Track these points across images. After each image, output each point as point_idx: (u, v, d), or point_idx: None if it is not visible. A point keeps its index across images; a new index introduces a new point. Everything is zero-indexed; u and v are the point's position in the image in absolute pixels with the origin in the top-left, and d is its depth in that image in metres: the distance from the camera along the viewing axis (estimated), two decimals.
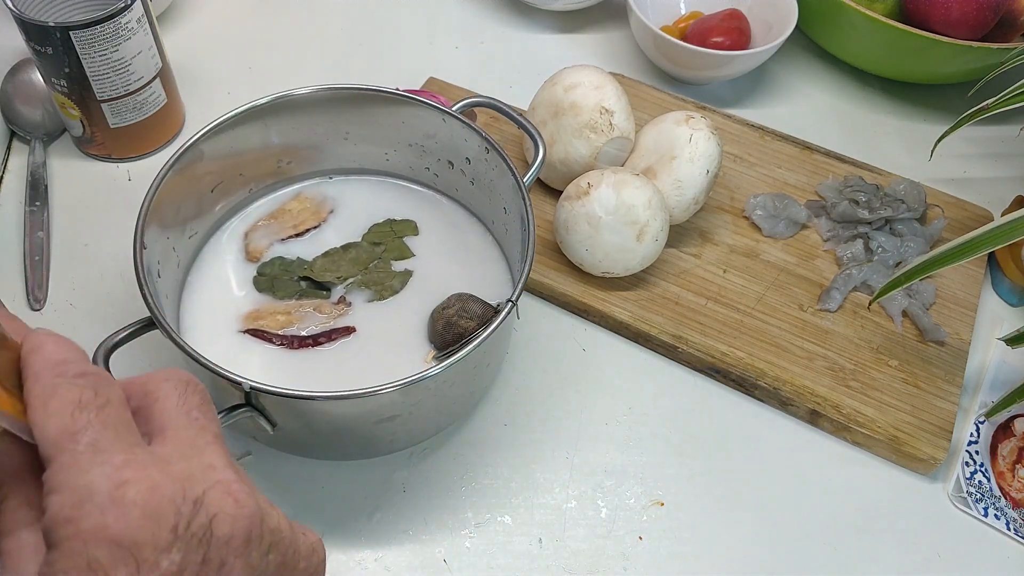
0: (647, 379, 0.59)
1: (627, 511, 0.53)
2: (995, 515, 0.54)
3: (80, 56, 0.59)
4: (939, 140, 0.65)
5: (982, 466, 0.57)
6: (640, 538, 0.52)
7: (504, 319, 0.48)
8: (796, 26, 0.74)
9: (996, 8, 0.72)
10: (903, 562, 0.52)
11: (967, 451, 0.57)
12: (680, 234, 0.64)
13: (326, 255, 0.58)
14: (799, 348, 0.59)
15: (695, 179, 0.60)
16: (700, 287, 0.62)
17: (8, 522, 0.27)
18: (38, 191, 0.64)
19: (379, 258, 0.58)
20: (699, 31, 0.76)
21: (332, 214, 0.60)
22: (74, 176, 0.67)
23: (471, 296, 0.53)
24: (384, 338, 0.54)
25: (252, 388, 0.43)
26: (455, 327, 0.51)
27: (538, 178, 0.64)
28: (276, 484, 0.52)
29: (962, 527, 0.54)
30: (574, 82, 0.62)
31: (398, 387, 0.44)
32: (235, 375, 0.43)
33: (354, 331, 0.54)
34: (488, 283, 0.57)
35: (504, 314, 0.48)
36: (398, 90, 0.57)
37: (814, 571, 0.52)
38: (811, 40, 0.82)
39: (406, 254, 0.59)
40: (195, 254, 0.57)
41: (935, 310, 0.62)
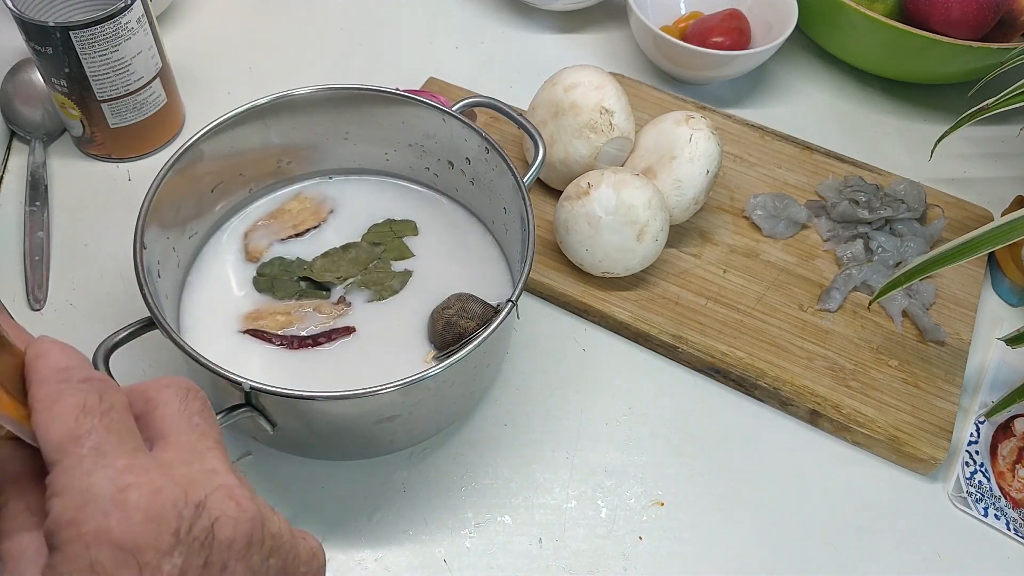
0: (647, 379, 0.59)
1: (627, 511, 0.53)
2: (995, 515, 0.54)
3: (80, 56, 0.59)
4: (939, 140, 0.65)
5: (982, 466, 0.57)
6: (640, 538, 0.52)
7: (504, 319, 0.48)
8: (796, 26, 0.74)
9: (996, 8, 0.72)
10: (903, 562, 0.52)
11: (967, 451, 0.57)
12: (680, 234, 0.64)
13: (326, 255, 0.58)
14: (799, 348, 0.59)
15: (695, 179, 0.60)
16: (700, 287, 0.62)
17: (8, 526, 0.27)
18: (38, 191, 0.64)
19: (379, 258, 0.58)
20: (699, 31, 0.76)
21: (332, 214, 0.60)
22: (74, 176, 0.67)
23: (471, 296, 0.53)
24: (384, 338, 0.54)
25: (252, 388, 0.43)
26: (455, 327, 0.51)
27: (538, 178, 0.64)
28: (276, 484, 0.52)
29: (962, 527, 0.54)
30: (574, 82, 0.62)
31: (398, 387, 0.44)
32: (235, 375, 0.43)
33: (354, 331, 0.54)
34: (488, 283, 0.57)
35: (504, 314, 0.48)
36: (398, 90, 0.57)
37: (814, 571, 0.52)
38: (811, 40, 0.82)
39: (406, 254, 0.59)
40: (195, 254, 0.57)
41: (935, 310, 0.62)
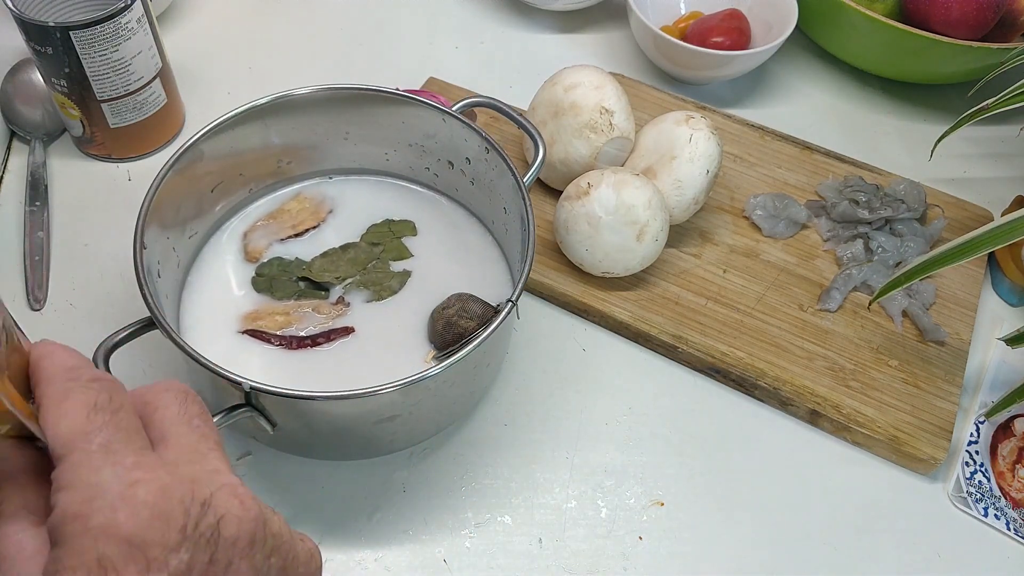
0: (647, 379, 0.59)
1: (627, 511, 0.53)
2: (995, 515, 0.54)
3: (80, 56, 0.59)
4: (939, 140, 0.65)
5: (982, 466, 0.57)
6: (640, 538, 0.52)
7: (504, 319, 0.48)
8: (796, 26, 0.74)
9: (996, 8, 0.72)
10: (903, 562, 0.52)
11: (967, 451, 0.57)
12: (680, 234, 0.64)
13: (324, 255, 0.58)
14: (799, 348, 0.59)
15: (695, 179, 0.60)
16: (700, 287, 0.62)
17: (5, 524, 0.27)
18: (38, 191, 0.64)
19: (377, 258, 0.58)
20: (699, 31, 0.76)
21: (331, 214, 0.60)
22: (74, 176, 0.67)
23: (471, 296, 0.53)
24: (383, 338, 0.54)
25: (252, 388, 0.43)
26: (455, 327, 0.51)
27: (538, 178, 0.64)
28: (276, 484, 0.52)
29: (962, 527, 0.54)
30: (574, 82, 0.62)
31: (398, 387, 0.44)
32: (235, 375, 0.43)
33: (353, 331, 0.54)
34: (488, 283, 0.57)
35: (504, 314, 0.48)
36: (398, 90, 0.57)
37: (814, 571, 0.52)
38: (811, 40, 0.82)
39: (404, 254, 0.59)
40: (195, 254, 0.57)
41: (935, 310, 0.62)
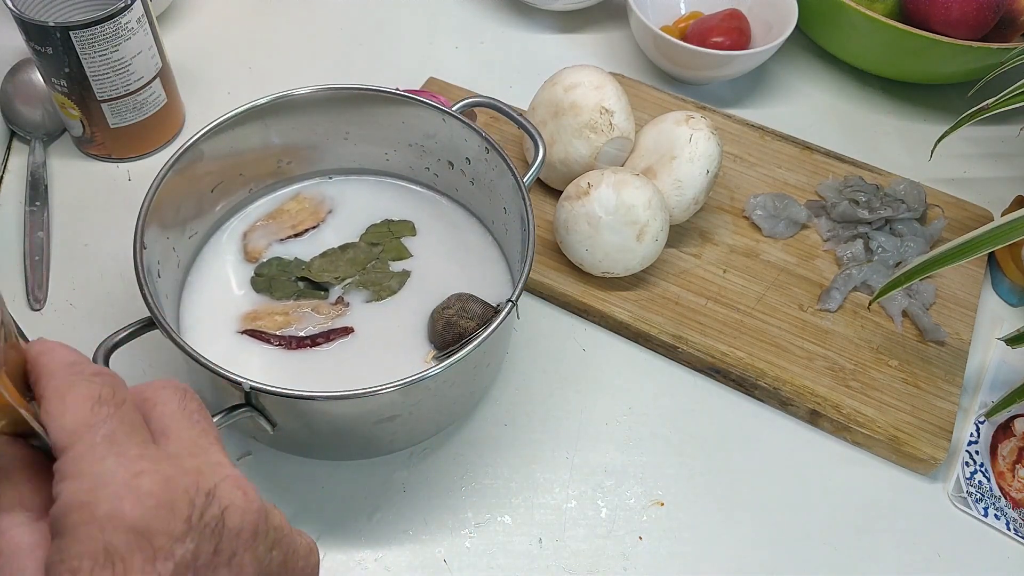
0: (647, 379, 0.59)
1: (627, 511, 0.53)
2: (995, 515, 0.54)
3: (80, 56, 0.59)
4: (939, 140, 0.65)
5: (982, 466, 0.56)
6: (640, 538, 0.52)
7: (504, 319, 0.48)
8: (796, 26, 0.74)
9: (996, 8, 0.72)
10: (903, 562, 0.52)
11: (967, 451, 0.57)
12: (680, 234, 0.64)
13: (324, 255, 0.58)
14: (799, 348, 0.59)
15: (695, 179, 0.60)
16: (700, 287, 0.62)
17: (1, 521, 0.27)
18: (38, 191, 0.64)
19: (376, 258, 0.58)
20: (699, 31, 0.76)
21: (331, 214, 0.60)
22: (74, 176, 0.67)
23: (471, 296, 0.53)
24: (383, 338, 0.54)
25: (252, 388, 0.43)
26: (455, 327, 0.51)
27: (538, 178, 0.64)
28: (276, 484, 0.52)
29: (962, 527, 0.54)
30: (574, 82, 0.62)
31: (398, 387, 0.44)
32: (235, 375, 0.43)
33: (352, 331, 0.54)
34: (488, 283, 0.57)
35: (504, 314, 0.48)
36: (398, 90, 0.57)
37: (814, 571, 0.52)
38: (811, 40, 0.82)
39: (404, 255, 0.59)
40: (195, 254, 0.57)
41: (935, 310, 0.62)
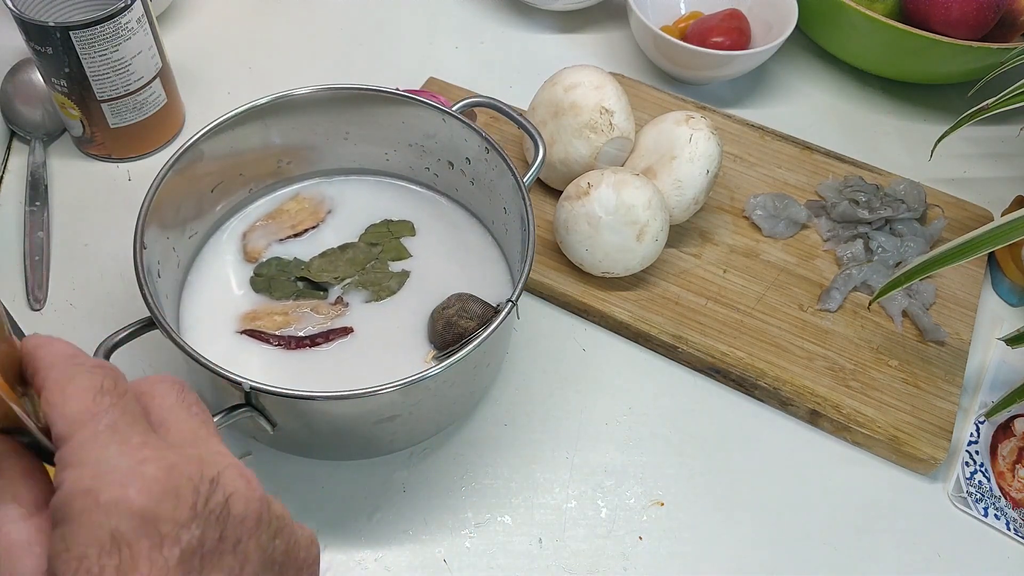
0: (647, 379, 0.59)
1: (627, 511, 0.53)
2: (995, 515, 0.54)
3: (80, 56, 0.59)
4: (939, 140, 0.65)
5: (982, 466, 0.56)
6: (640, 538, 0.52)
7: (504, 319, 0.48)
8: (796, 26, 0.74)
9: (996, 8, 0.72)
10: (903, 562, 0.52)
11: (967, 451, 0.57)
12: (680, 234, 0.64)
13: (323, 255, 0.58)
14: (799, 348, 0.59)
15: (695, 179, 0.60)
16: (700, 287, 0.62)
17: None
18: (38, 191, 0.64)
19: (376, 259, 0.58)
20: (699, 31, 0.76)
21: (330, 214, 0.60)
22: (74, 176, 0.67)
23: (471, 296, 0.53)
24: (382, 338, 0.54)
25: (252, 388, 0.43)
26: (455, 327, 0.51)
27: (538, 178, 0.64)
28: (276, 484, 0.52)
29: (962, 527, 0.54)
30: (574, 82, 0.62)
31: (398, 387, 0.44)
32: (235, 375, 0.43)
33: (352, 332, 0.54)
34: (488, 283, 0.57)
35: (504, 314, 0.48)
36: (398, 90, 0.57)
37: (814, 571, 0.52)
38: (811, 40, 0.82)
39: (403, 255, 0.59)
40: (195, 254, 0.57)
41: (935, 310, 0.62)
